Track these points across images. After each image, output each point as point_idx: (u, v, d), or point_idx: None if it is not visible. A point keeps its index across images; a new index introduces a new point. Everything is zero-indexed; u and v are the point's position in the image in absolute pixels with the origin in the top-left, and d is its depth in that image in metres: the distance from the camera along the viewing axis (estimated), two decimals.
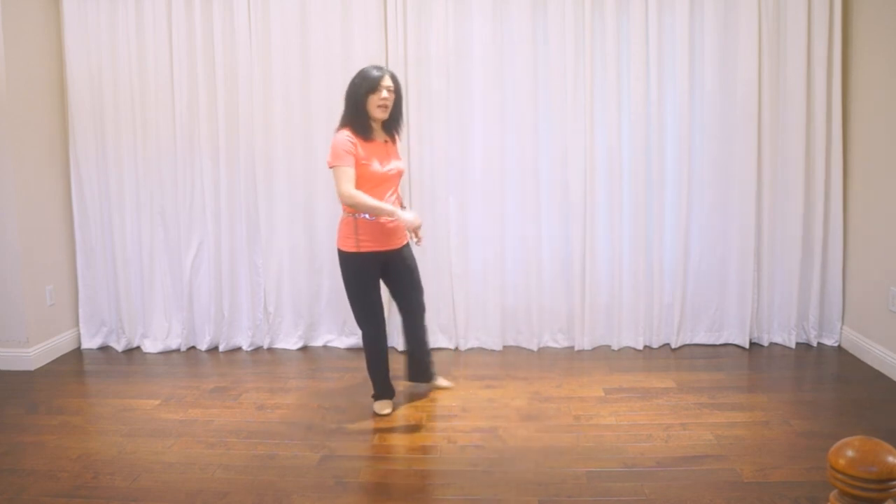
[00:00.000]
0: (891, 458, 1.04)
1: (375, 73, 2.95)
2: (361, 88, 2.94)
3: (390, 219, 2.97)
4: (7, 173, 3.74)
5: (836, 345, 4.01)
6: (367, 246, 2.98)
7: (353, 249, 2.98)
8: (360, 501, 2.46)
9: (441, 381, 3.49)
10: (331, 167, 2.92)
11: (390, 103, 2.99)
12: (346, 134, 2.93)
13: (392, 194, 3.07)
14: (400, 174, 3.10)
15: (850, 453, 1.06)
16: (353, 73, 3.93)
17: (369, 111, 2.96)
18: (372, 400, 3.27)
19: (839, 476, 1.06)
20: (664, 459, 2.69)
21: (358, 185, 2.92)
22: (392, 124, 3.10)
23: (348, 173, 2.88)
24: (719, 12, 3.83)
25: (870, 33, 3.67)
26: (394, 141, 3.13)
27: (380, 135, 3.05)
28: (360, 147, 2.92)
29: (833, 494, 1.10)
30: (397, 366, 3.56)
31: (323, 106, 3.97)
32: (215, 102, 4.00)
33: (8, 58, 3.69)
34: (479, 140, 3.97)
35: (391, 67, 3.90)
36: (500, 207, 4.00)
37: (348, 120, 2.98)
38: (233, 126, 4.01)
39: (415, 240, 3.18)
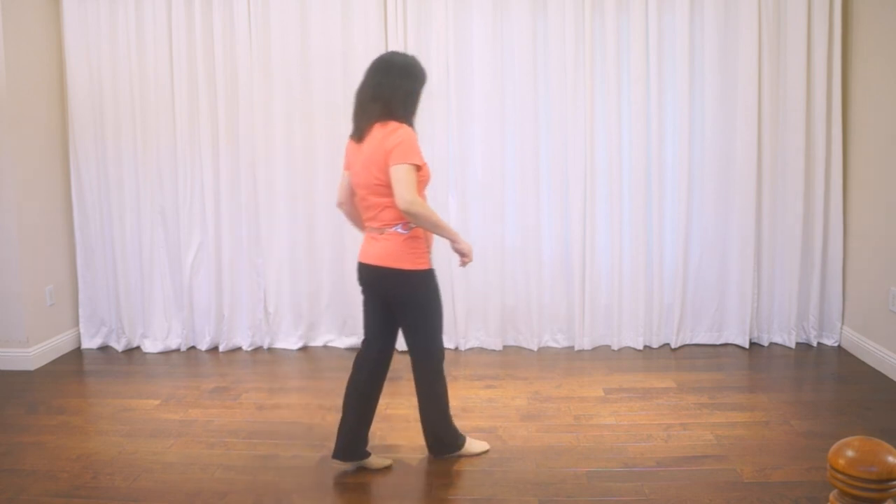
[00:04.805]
0: (891, 458, 1.03)
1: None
2: (422, 83, 2.48)
3: (455, 243, 2.49)
4: (7, 173, 3.74)
5: (836, 345, 4.01)
6: (429, 259, 2.54)
7: (427, 267, 2.49)
8: (360, 501, 2.46)
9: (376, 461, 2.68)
10: (399, 163, 2.31)
11: None
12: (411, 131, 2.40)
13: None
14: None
15: (850, 453, 1.06)
16: (353, 74, 3.96)
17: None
18: (459, 446, 2.73)
19: (839, 476, 1.06)
20: (664, 459, 2.69)
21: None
22: None
23: (415, 176, 2.35)
24: (719, 12, 3.83)
25: (870, 33, 3.67)
26: None
27: None
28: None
29: (833, 494, 1.10)
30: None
31: (323, 107, 3.97)
32: (215, 102, 4.00)
33: (8, 58, 3.69)
34: (479, 140, 3.97)
35: None
36: (500, 207, 4.00)
37: (411, 115, 2.46)
38: (233, 126, 4.01)
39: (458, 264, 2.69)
